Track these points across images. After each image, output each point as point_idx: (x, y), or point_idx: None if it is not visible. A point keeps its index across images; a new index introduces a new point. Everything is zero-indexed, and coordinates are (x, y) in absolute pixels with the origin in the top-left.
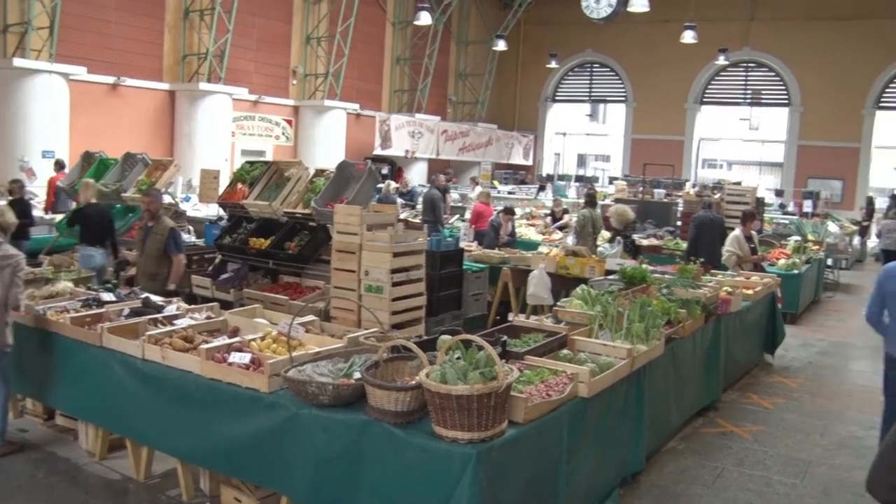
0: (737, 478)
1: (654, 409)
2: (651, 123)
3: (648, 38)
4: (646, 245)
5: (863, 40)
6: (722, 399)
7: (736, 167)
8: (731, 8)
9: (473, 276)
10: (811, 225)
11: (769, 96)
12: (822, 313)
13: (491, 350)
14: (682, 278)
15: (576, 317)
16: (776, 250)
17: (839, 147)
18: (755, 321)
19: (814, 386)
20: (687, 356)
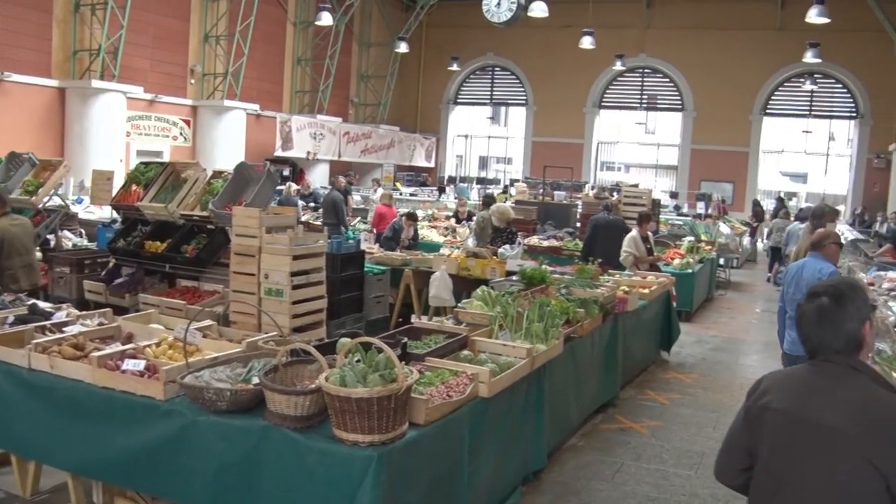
0: (635, 472)
1: (554, 408)
2: (551, 126)
3: (548, 43)
4: (546, 246)
5: (750, 50)
6: (620, 396)
7: (633, 170)
8: (627, 16)
9: (375, 278)
10: (704, 226)
11: (664, 101)
12: (715, 311)
13: (390, 352)
14: (581, 278)
15: (476, 318)
16: (671, 250)
17: (730, 151)
18: (651, 319)
19: (707, 381)
20: (586, 355)
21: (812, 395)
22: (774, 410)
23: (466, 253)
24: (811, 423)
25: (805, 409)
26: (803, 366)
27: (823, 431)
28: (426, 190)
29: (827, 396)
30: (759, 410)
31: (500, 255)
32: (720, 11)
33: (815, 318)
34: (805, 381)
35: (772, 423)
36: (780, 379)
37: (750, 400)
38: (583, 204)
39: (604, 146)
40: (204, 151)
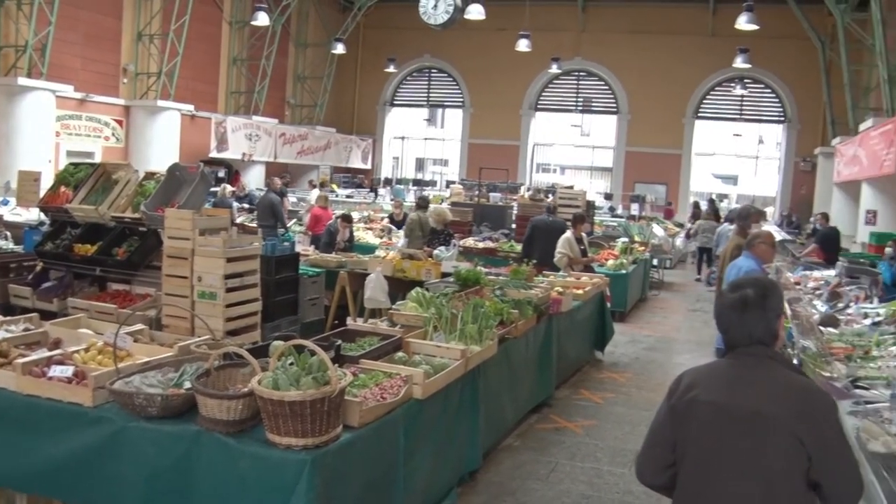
0: (570, 471)
1: (489, 408)
2: (487, 128)
3: (485, 45)
4: (481, 248)
5: (683, 54)
6: (555, 395)
7: (568, 171)
8: (563, 19)
9: (310, 280)
10: (637, 227)
11: (599, 104)
12: (649, 311)
13: (323, 355)
14: (515, 280)
15: (411, 319)
16: (605, 251)
17: (663, 153)
18: (586, 320)
19: (641, 380)
20: (520, 355)
21: (739, 385)
22: (704, 403)
23: (402, 255)
24: (742, 411)
25: (734, 398)
26: (722, 360)
27: (754, 418)
28: (362, 192)
29: (753, 385)
30: (686, 405)
31: (436, 256)
32: (654, 16)
33: (740, 309)
34: (729, 372)
35: (702, 415)
36: (704, 373)
37: (674, 397)
38: (518, 205)
39: (540, 148)
40: (137, 152)
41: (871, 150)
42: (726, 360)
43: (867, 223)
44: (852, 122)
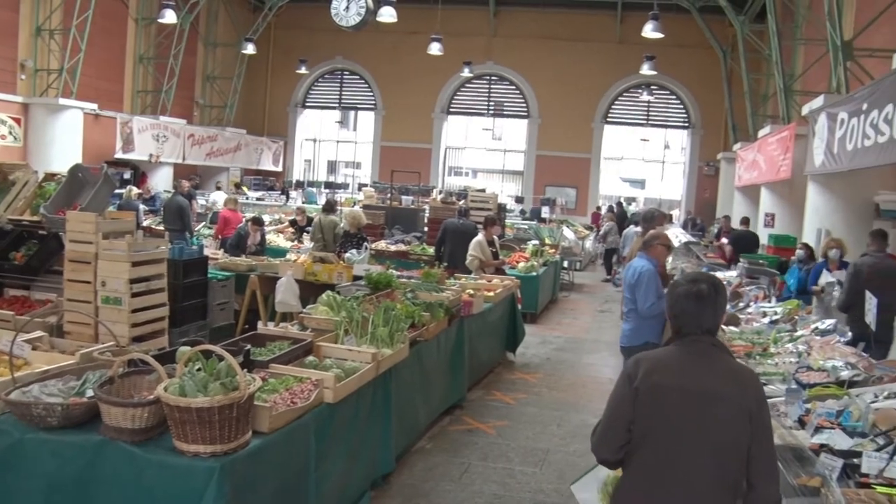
0: (482, 471)
1: (401, 411)
2: (400, 131)
3: (397, 48)
4: (393, 251)
5: (592, 60)
6: (468, 397)
7: (480, 175)
8: (475, 24)
9: (219, 284)
10: (548, 230)
11: (510, 108)
12: (559, 312)
13: (231, 360)
14: (427, 282)
15: (322, 323)
16: (516, 254)
17: (573, 157)
18: (497, 321)
19: (551, 380)
20: (432, 357)
21: (693, 369)
22: (664, 386)
23: (313, 258)
24: (698, 391)
25: (691, 381)
26: (672, 347)
27: (709, 397)
28: (273, 194)
29: (705, 369)
30: (648, 388)
31: (347, 259)
32: (564, 23)
33: (695, 300)
34: (683, 358)
35: (663, 396)
36: (660, 359)
37: (635, 381)
38: (430, 208)
39: (452, 151)
40: (37, 152)
41: (769, 155)
42: (678, 348)
43: (766, 226)
44: (752, 129)
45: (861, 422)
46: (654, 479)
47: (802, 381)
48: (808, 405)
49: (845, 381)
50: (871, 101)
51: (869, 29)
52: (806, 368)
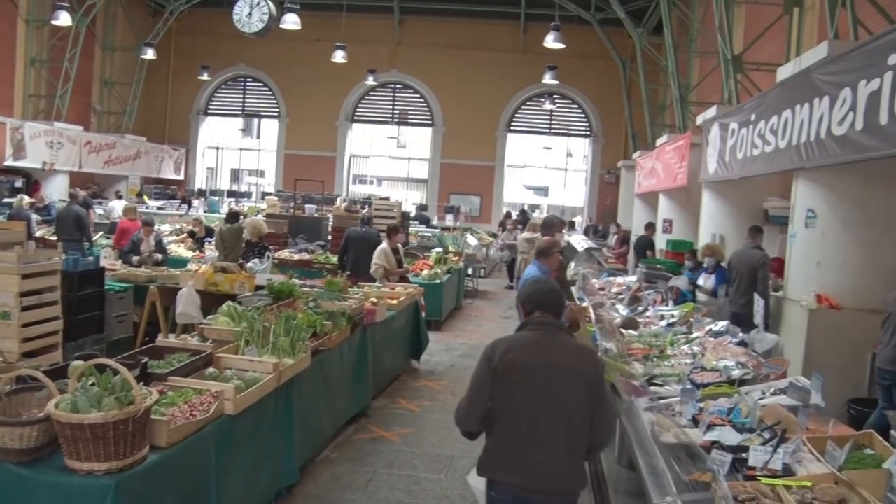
0: (387, 479)
1: (304, 421)
2: (304, 139)
3: (302, 56)
4: (296, 260)
5: (496, 69)
6: (372, 405)
7: (385, 183)
8: (379, 32)
9: (116, 296)
10: (452, 237)
11: (415, 116)
12: (464, 319)
13: (126, 373)
14: (329, 291)
15: (222, 334)
16: (420, 262)
17: (477, 165)
18: (401, 329)
19: (456, 387)
20: (335, 366)
21: (545, 347)
22: (521, 362)
23: (214, 268)
24: (550, 365)
25: (544, 357)
26: (524, 332)
27: (559, 370)
28: (175, 203)
29: (554, 347)
30: (508, 365)
31: (249, 269)
32: (468, 32)
33: (546, 289)
34: (536, 339)
35: (521, 371)
36: (515, 341)
37: (494, 360)
38: (334, 217)
39: (356, 159)
40: None
41: (666, 163)
42: (528, 332)
43: (664, 231)
44: (650, 138)
45: (749, 418)
46: (516, 442)
47: (696, 381)
48: (702, 404)
49: (736, 379)
50: (759, 112)
51: (757, 44)
52: (700, 369)
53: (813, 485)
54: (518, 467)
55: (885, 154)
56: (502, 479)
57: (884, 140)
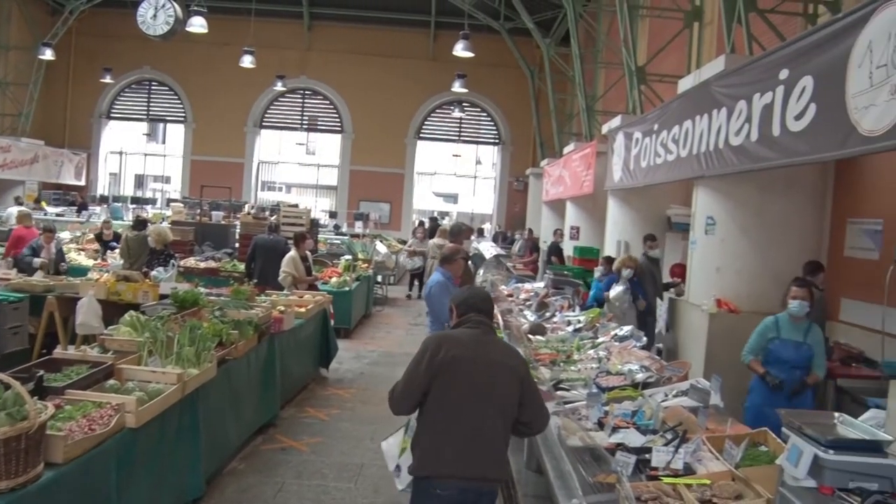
0: (296, 490)
1: (210, 432)
2: (211, 145)
3: (209, 60)
4: (203, 268)
5: (406, 77)
6: (281, 415)
7: (294, 190)
8: (288, 37)
9: (11, 307)
10: (361, 245)
11: (324, 123)
12: (373, 326)
13: (19, 387)
14: (236, 300)
15: (124, 345)
16: (329, 269)
17: (386, 172)
18: (309, 337)
19: (365, 394)
20: (242, 376)
21: (480, 345)
22: (461, 357)
23: (116, 277)
24: (485, 361)
25: (479, 353)
26: (462, 329)
27: (493, 365)
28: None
29: (488, 345)
30: (447, 360)
31: (154, 278)
32: (378, 39)
33: (483, 297)
34: (472, 337)
35: (462, 367)
36: (454, 338)
37: (438, 355)
38: (241, 224)
39: (265, 166)
40: None
41: (573, 171)
42: (464, 330)
43: (572, 238)
44: (558, 146)
45: (652, 420)
46: (457, 436)
47: (602, 385)
48: (607, 407)
49: (640, 383)
50: (661, 122)
51: (659, 56)
52: (605, 373)
53: (712, 482)
54: (462, 460)
55: (778, 164)
56: (448, 473)
57: (777, 151)
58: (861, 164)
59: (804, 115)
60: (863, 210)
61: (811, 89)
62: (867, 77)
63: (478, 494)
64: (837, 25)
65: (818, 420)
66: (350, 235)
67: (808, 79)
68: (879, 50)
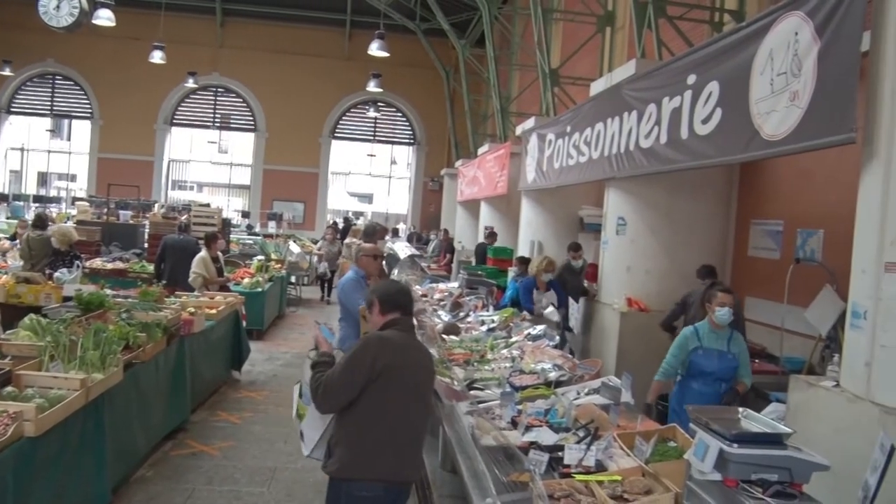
0: (207, 496)
1: (117, 439)
2: (119, 143)
3: (117, 55)
4: (110, 269)
5: (321, 76)
6: (191, 419)
7: (206, 189)
8: (200, 33)
9: None
10: (274, 245)
11: (237, 121)
12: (286, 327)
13: None
14: (144, 301)
15: (23, 349)
16: (241, 270)
17: (301, 172)
18: (220, 339)
19: (279, 397)
20: (150, 380)
21: (412, 349)
22: (399, 363)
23: (16, 279)
24: (418, 366)
25: (414, 358)
26: (396, 333)
27: (423, 369)
28: None
29: (417, 349)
30: (388, 365)
31: (57, 279)
32: (292, 37)
33: (407, 292)
34: (407, 342)
35: (398, 374)
36: (392, 342)
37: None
38: (151, 224)
39: (176, 164)
40: None
41: (487, 172)
42: (395, 332)
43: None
44: (472, 147)
45: (565, 418)
46: (389, 439)
47: (515, 384)
48: (520, 406)
49: (553, 381)
50: (574, 124)
51: (573, 59)
52: (519, 372)
53: (623, 478)
54: (392, 463)
55: (686, 166)
56: (378, 476)
57: (685, 153)
58: (763, 167)
59: (710, 119)
60: (765, 211)
61: (717, 94)
62: (769, 84)
63: (398, 493)
64: (741, 34)
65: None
66: (263, 235)
67: (715, 84)
68: (780, 58)
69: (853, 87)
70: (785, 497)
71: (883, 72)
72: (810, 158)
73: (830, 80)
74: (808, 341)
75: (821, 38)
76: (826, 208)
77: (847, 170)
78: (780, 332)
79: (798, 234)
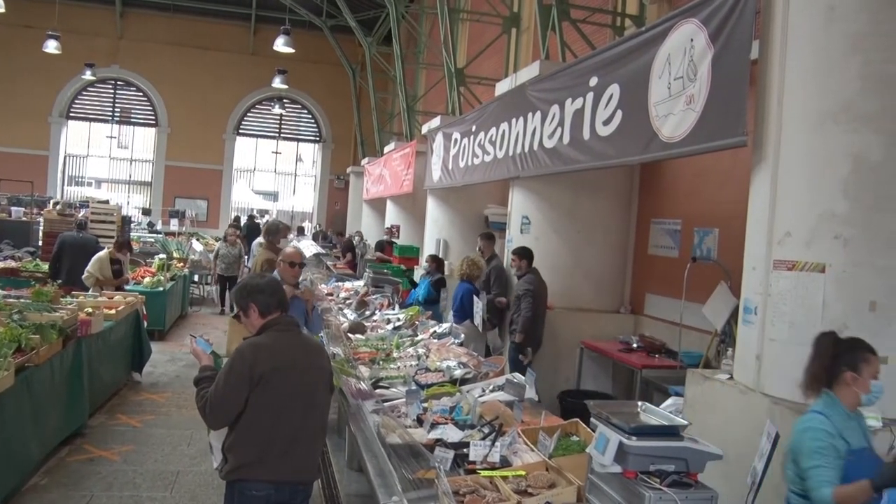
0: (106, 502)
1: (7, 447)
2: (11, 136)
3: (7, 43)
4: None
5: (225, 71)
6: (89, 424)
7: (105, 185)
8: (99, 23)
9: None
10: (176, 243)
11: (138, 116)
12: (189, 327)
13: None
14: (37, 302)
15: None
16: (142, 268)
17: (204, 168)
18: (120, 341)
19: (181, 399)
20: (44, 384)
21: (296, 349)
22: (280, 368)
23: None
24: (306, 366)
25: (300, 359)
26: (270, 333)
27: (313, 369)
28: None
29: (304, 348)
30: (266, 372)
31: None
32: (196, 30)
33: (278, 286)
34: (291, 343)
35: (283, 376)
36: (268, 347)
37: (256, 368)
38: (45, 221)
39: (72, 159)
40: None
41: (393, 170)
42: (275, 334)
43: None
44: (379, 145)
45: (470, 415)
46: (278, 442)
47: (421, 381)
48: (426, 404)
49: (458, 379)
50: (479, 123)
51: (479, 59)
52: (424, 370)
53: (527, 473)
54: (282, 464)
55: (588, 166)
56: (265, 477)
57: (586, 154)
58: (663, 167)
59: (612, 121)
60: (664, 211)
61: (618, 97)
62: (666, 87)
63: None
64: (641, 38)
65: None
66: (165, 233)
67: (616, 87)
68: (677, 63)
69: (744, 93)
70: (681, 486)
71: (770, 79)
72: (706, 160)
73: (723, 86)
74: (706, 336)
75: (714, 44)
76: (721, 207)
77: (740, 171)
78: (678, 327)
79: (695, 232)
